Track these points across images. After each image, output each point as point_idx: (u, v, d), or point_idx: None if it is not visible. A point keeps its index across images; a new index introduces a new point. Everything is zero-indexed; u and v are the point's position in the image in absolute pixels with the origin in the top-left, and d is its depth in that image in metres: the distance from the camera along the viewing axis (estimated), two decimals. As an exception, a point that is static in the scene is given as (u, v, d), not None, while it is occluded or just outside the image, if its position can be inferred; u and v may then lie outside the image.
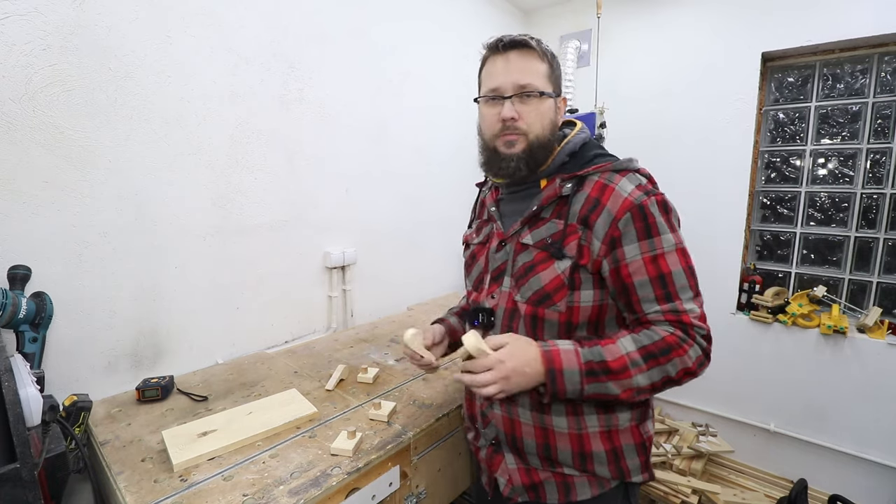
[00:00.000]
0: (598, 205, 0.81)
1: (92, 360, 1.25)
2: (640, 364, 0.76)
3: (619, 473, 0.86)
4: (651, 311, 0.80)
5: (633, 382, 0.76)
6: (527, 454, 0.90)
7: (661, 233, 0.79)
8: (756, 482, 2.28)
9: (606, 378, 0.76)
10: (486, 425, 0.95)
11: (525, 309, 0.86)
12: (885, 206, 2.11)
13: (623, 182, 0.82)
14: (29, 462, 0.64)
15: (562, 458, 0.87)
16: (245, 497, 0.84)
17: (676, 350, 0.77)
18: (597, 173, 0.84)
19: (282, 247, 1.71)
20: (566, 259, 0.82)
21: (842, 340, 2.11)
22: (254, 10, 1.53)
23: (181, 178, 1.40)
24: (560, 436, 0.86)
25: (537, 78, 0.84)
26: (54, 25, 1.11)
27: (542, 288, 0.83)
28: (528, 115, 0.85)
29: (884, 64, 2.07)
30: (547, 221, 0.86)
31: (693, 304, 0.80)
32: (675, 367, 0.77)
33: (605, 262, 0.81)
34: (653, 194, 0.81)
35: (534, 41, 0.85)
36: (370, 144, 2.01)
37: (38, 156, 1.11)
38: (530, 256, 0.86)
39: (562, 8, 2.82)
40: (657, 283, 0.79)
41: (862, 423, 2.10)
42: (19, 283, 1.06)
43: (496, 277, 0.92)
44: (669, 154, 2.50)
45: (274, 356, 1.59)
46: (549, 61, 0.87)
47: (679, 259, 0.80)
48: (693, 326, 0.78)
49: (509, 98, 0.84)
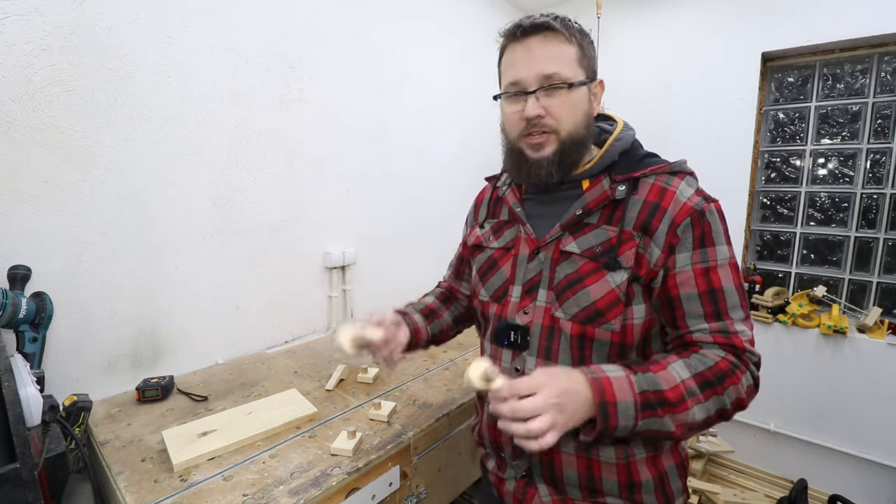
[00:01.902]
0: (659, 209, 0.72)
1: (92, 360, 1.25)
2: (697, 394, 0.66)
3: (664, 499, 0.79)
4: (697, 329, 0.71)
5: (689, 416, 0.65)
6: (566, 485, 0.79)
7: (716, 243, 0.71)
8: (756, 482, 2.28)
9: (663, 412, 0.64)
10: (518, 457, 0.83)
11: (571, 328, 0.74)
12: (885, 206, 2.11)
13: (682, 185, 0.75)
14: (29, 462, 0.64)
15: (606, 489, 0.77)
16: (245, 497, 0.84)
17: (731, 377, 0.67)
18: (653, 175, 0.76)
19: (282, 247, 1.71)
20: (622, 270, 0.72)
21: (842, 340, 2.11)
22: (254, 10, 1.53)
23: (181, 178, 1.40)
24: (606, 466, 0.76)
25: (564, 65, 0.73)
26: (54, 25, 1.11)
27: (594, 304, 0.73)
28: (558, 109, 0.73)
29: (884, 64, 2.07)
30: (595, 227, 0.76)
31: (744, 325, 0.72)
32: (731, 398, 0.68)
33: (661, 272, 0.72)
34: (712, 200, 0.74)
35: (558, 21, 0.73)
36: (370, 144, 2.01)
37: (38, 156, 1.11)
38: (575, 267, 0.75)
39: (562, 8, 2.82)
40: (707, 299, 0.71)
41: (862, 423, 2.10)
42: (19, 283, 1.06)
43: (529, 290, 0.80)
44: (669, 154, 2.47)
45: (274, 356, 1.59)
46: (579, 41, 0.75)
47: (732, 275, 0.72)
48: (746, 351, 0.70)
49: (533, 93, 0.73)
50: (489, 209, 0.96)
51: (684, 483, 0.82)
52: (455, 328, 1.08)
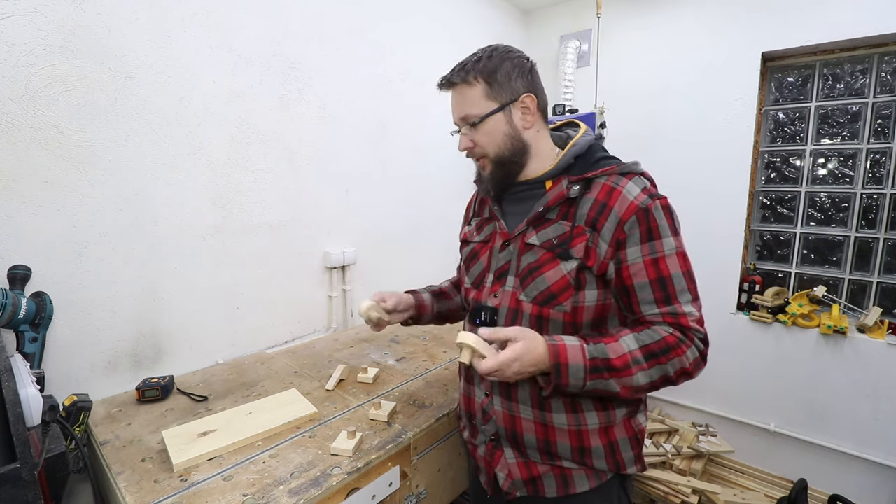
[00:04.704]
0: (606, 208, 0.82)
1: (92, 360, 1.25)
2: (642, 363, 0.78)
3: (615, 466, 0.90)
4: (650, 313, 0.82)
5: (633, 381, 0.78)
6: (527, 448, 0.91)
7: (662, 236, 0.81)
8: (756, 482, 2.27)
9: (609, 375, 0.77)
10: (487, 421, 0.95)
11: (531, 309, 0.87)
12: (885, 206, 2.10)
13: (630, 185, 0.83)
14: (29, 462, 0.64)
15: (561, 452, 0.89)
16: (245, 497, 0.84)
17: (676, 350, 0.79)
18: (604, 176, 0.85)
19: (282, 247, 1.71)
20: (573, 260, 0.83)
21: (842, 340, 2.11)
22: (254, 10, 1.53)
23: (181, 178, 1.40)
24: (560, 432, 0.88)
25: (472, 106, 0.89)
26: (54, 25, 1.11)
27: (548, 288, 0.85)
28: (480, 139, 0.90)
29: (884, 64, 2.07)
30: (553, 223, 0.87)
31: (692, 307, 0.82)
32: (674, 367, 0.79)
33: (612, 264, 0.82)
34: (657, 198, 0.83)
35: (456, 75, 0.89)
36: (370, 144, 2.01)
37: (38, 156, 1.11)
38: (535, 257, 0.88)
39: (562, 8, 2.82)
40: (657, 286, 0.81)
41: (862, 423, 2.10)
42: (19, 283, 1.06)
43: (499, 277, 0.93)
44: (669, 154, 2.50)
45: (274, 356, 1.59)
46: (484, 79, 0.87)
47: (679, 263, 0.82)
48: (691, 329, 0.81)
49: (459, 131, 0.93)
50: (475, 209, 1.10)
51: (637, 453, 0.92)
52: (461, 312, 1.22)
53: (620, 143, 2.48)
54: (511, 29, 2.81)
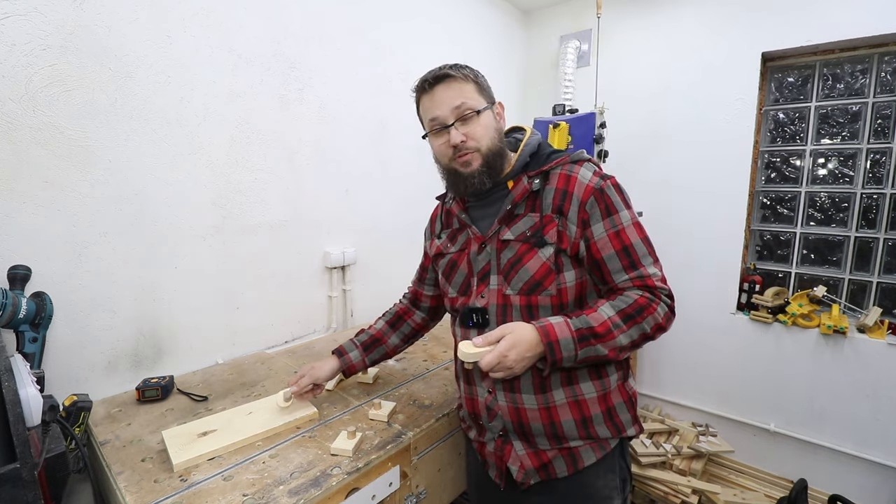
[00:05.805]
0: (567, 194, 0.90)
1: (92, 360, 1.25)
2: (621, 325, 0.85)
3: (615, 430, 0.95)
4: (621, 280, 0.89)
5: (617, 342, 0.85)
6: (535, 437, 0.95)
7: (618, 210, 0.90)
8: (756, 482, 2.28)
9: (595, 341, 0.84)
10: (493, 418, 0.98)
11: (518, 300, 0.92)
12: (885, 206, 2.11)
13: (582, 171, 0.92)
14: (29, 462, 0.64)
15: (567, 432, 0.93)
16: (245, 497, 0.84)
17: (647, 309, 0.86)
18: (558, 167, 0.94)
19: (282, 247, 1.71)
20: (549, 246, 0.90)
21: (842, 340, 2.11)
22: (254, 10, 1.53)
23: (181, 178, 1.40)
24: (562, 409, 0.92)
25: (468, 97, 0.92)
26: (54, 25, 1.11)
27: (532, 277, 0.90)
28: (475, 132, 0.92)
29: (884, 64, 2.07)
30: (523, 216, 0.94)
31: (654, 268, 0.90)
32: (649, 324, 0.87)
33: (581, 242, 0.90)
34: (607, 178, 0.92)
35: (453, 69, 0.92)
36: (370, 144, 2.01)
37: (38, 156, 1.11)
38: (514, 251, 0.93)
39: (562, 8, 2.82)
40: (623, 255, 0.89)
41: (862, 423, 2.10)
42: (19, 283, 1.06)
43: (483, 278, 0.97)
44: (669, 154, 2.50)
45: (274, 356, 1.59)
46: (473, 79, 0.94)
47: (637, 231, 0.90)
48: (657, 288, 0.89)
49: (452, 125, 0.92)
50: (442, 222, 1.13)
51: (633, 415, 0.98)
52: (403, 346, 1.29)
53: (620, 143, 2.49)
54: (511, 29, 2.81)
